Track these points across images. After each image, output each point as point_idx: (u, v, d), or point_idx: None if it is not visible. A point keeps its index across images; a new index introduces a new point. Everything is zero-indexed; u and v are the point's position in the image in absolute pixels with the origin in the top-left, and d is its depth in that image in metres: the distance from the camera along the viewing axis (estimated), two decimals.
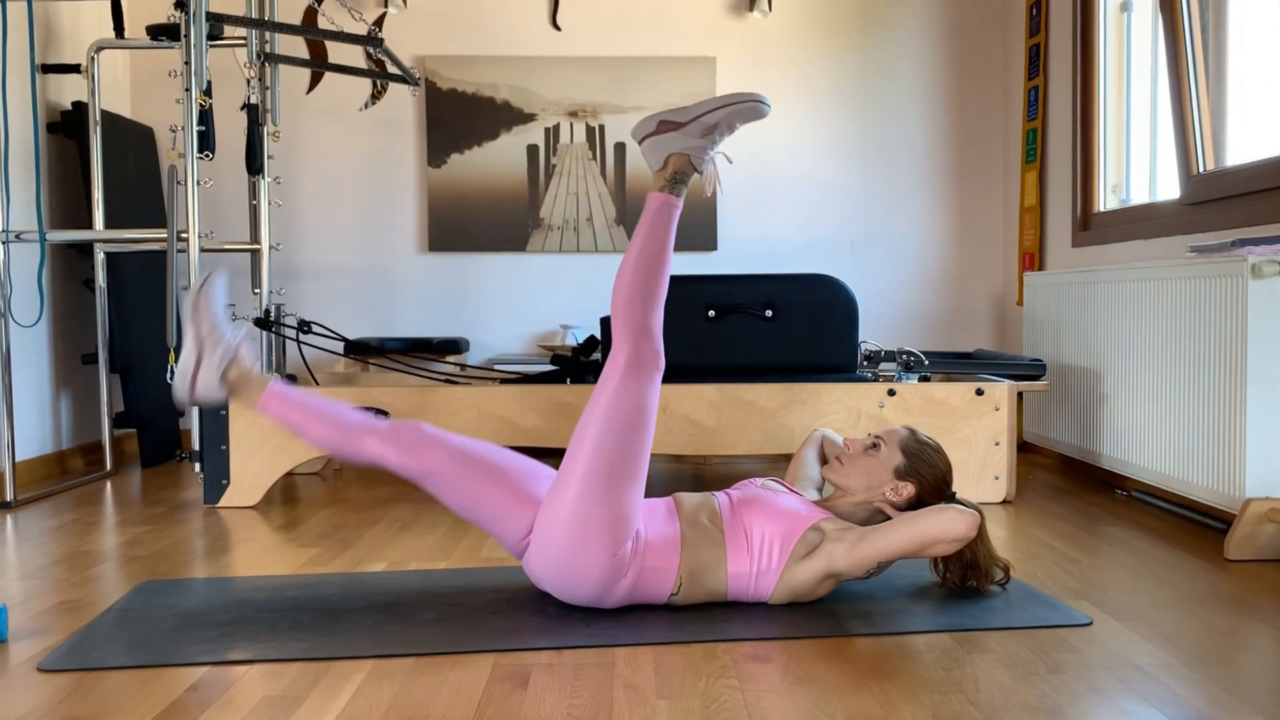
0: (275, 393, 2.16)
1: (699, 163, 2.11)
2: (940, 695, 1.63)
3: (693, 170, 2.11)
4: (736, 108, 2.09)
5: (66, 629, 2.00)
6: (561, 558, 1.98)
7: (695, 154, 2.10)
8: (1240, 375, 2.55)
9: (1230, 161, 3.14)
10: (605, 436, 1.99)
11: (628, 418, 2.00)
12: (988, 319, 4.62)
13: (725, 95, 2.10)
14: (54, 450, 3.86)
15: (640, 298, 2.05)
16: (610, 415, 2.00)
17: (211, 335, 2.18)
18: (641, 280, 2.05)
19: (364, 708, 1.60)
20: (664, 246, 2.07)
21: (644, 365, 2.03)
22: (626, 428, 2.00)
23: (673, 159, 2.10)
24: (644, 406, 2.02)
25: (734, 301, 3.32)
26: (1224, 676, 1.72)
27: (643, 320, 2.04)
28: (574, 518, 1.96)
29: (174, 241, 3.32)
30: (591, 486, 1.97)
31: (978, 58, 4.57)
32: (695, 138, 2.10)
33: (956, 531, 1.96)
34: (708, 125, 2.09)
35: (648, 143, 2.12)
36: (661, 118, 2.11)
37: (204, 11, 3.20)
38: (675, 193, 2.10)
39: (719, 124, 2.09)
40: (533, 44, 4.49)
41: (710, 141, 2.11)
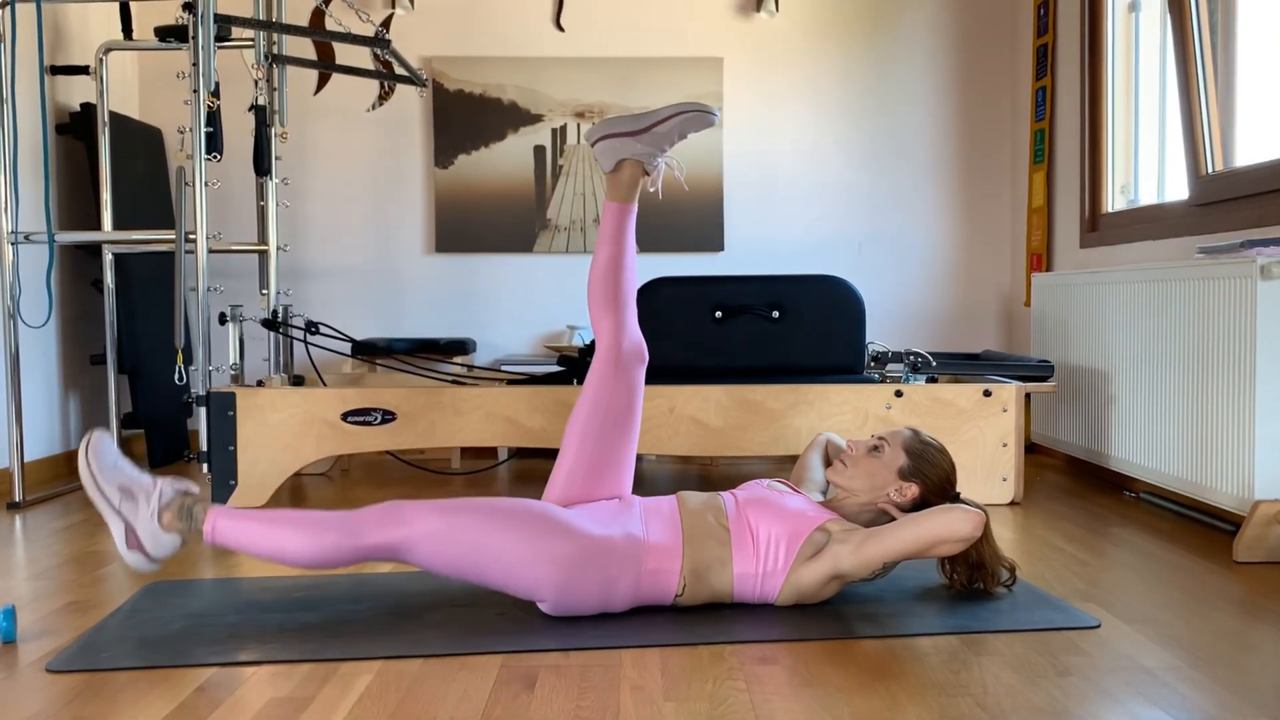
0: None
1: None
2: (948, 698, 1.63)
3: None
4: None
5: (75, 630, 2.01)
6: (562, 590, 1.98)
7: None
8: (1249, 376, 2.55)
9: (1239, 162, 3.13)
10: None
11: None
12: (995, 320, 4.61)
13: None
14: (62, 451, 3.87)
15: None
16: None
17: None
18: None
19: (371, 709, 1.60)
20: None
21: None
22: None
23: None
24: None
25: (741, 302, 3.32)
26: (1232, 679, 1.71)
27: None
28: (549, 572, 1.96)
29: (182, 242, 3.33)
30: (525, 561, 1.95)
31: (985, 58, 4.56)
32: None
33: (962, 531, 1.95)
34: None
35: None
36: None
37: (212, 13, 3.20)
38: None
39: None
40: (540, 45, 4.49)
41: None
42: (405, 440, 3.22)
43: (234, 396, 3.17)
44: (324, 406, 3.20)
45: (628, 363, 2.21)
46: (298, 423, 3.19)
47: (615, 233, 2.25)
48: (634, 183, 2.26)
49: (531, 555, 1.94)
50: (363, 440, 3.21)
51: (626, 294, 2.25)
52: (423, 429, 3.22)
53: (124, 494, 2.01)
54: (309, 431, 3.19)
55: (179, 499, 2.02)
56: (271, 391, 3.19)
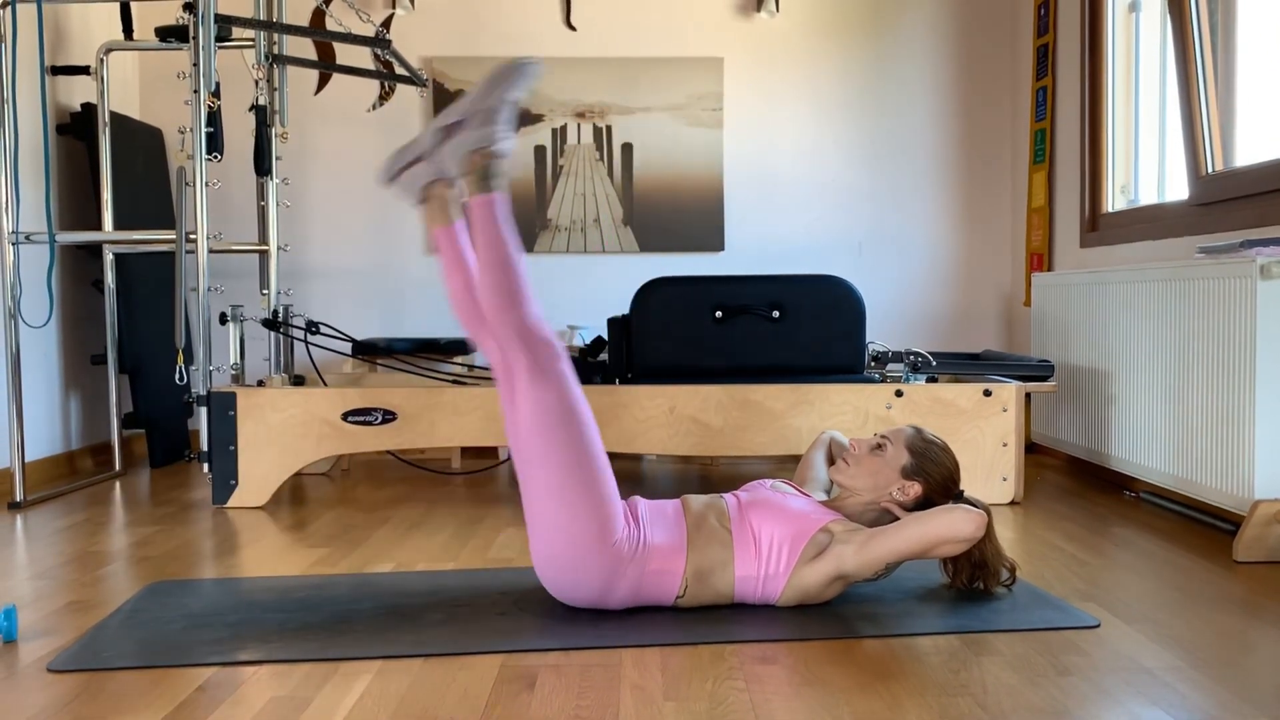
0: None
1: (500, 148, 2.10)
2: (948, 698, 1.63)
3: (495, 157, 2.09)
4: (505, 81, 2.08)
5: (76, 629, 2.01)
6: (558, 566, 2.00)
7: (489, 141, 2.09)
8: (1249, 376, 2.55)
9: (1239, 162, 3.13)
10: (546, 443, 1.97)
11: (558, 419, 1.97)
12: (995, 320, 4.61)
13: (488, 76, 2.09)
14: (63, 451, 3.87)
15: (509, 302, 2.01)
16: (540, 425, 1.97)
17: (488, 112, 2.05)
18: (501, 286, 2.02)
19: (372, 708, 1.61)
20: (505, 245, 2.04)
21: (543, 361, 2.00)
22: (562, 428, 1.97)
23: (472, 157, 2.09)
24: (566, 395, 1.99)
25: (741, 302, 3.32)
26: (1232, 679, 1.71)
27: (518, 323, 2.01)
28: (553, 528, 1.97)
29: (182, 242, 3.33)
30: (554, 493, 1.96)
31: (986, 58, 4.57)
32: (483, 127, 2.09)
33: (965, 531, 1.95)
34: (485, 110, 2.08)
35: (439, 153, 2.12)
36: (438, 127, 2.11)
37: (212, 13, 3.20)
38: (491, 189, 2.09)
39: (495, 104, 2.09)
40: (539, 45, 4.49)
41: (501, 124, 2.10)
42: (406, 440, 3.22)
43: (234, 396, 3.17)
44: (324, 406, 3.20)
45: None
46: (298, 423, 3.19)
47: (457, 258, 2.15)
48: (446, 201, 2.15)
49: (569, 512, 1.96)
50: (363, 440, 3.21)
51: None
52: (423, 429, 3.22)
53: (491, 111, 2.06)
54: (310, 431, 3.20)
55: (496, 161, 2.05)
56: (272, 391, 3.19)
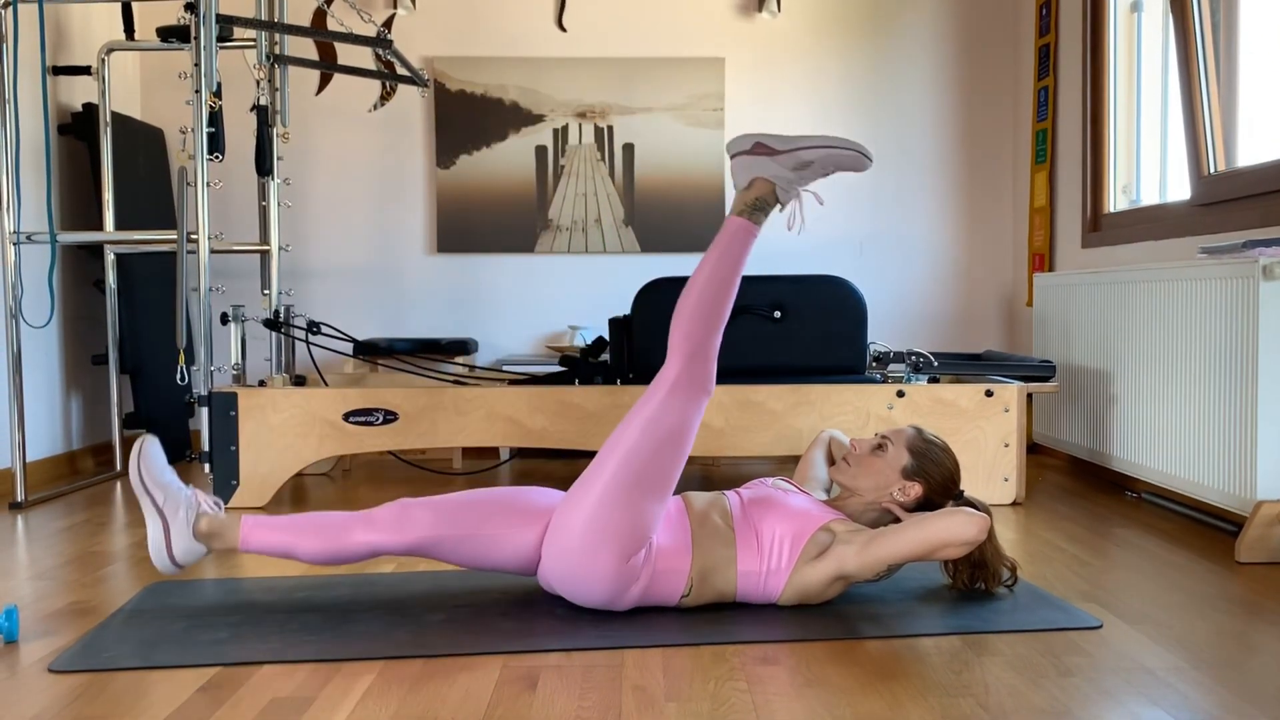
0: (251, 523, 2.06)
1: (783, 195, 2.07)
2: (950, 698, 1.63)
3: (775, 201, 2.07)
4: (838, 153, 2.04)
5: (77, 630, 2.01)
6: (575, 557, 1.98)
7: (782, 185, 2.06)
8: (1251, 377, 2.54)
9: (1241, 162, 3.13)
10: (639, 445, 1.98)
11: (665, 433, 2.00)
12: (997, 320, 4.61)
13: (832, 136, 2.05)
14: (64, 451, 3.87)
15: (702, 320, 2.02)
16: (649, 426, 1.99)
17: (168, 500, 2.06)
18: (708, 302, 2.02)
19: (373, 709, 1.60)
20: (734, 271, 2.03)
21: (693, 386, 2.02)
22: (662, 443, 1.99)
23: (758, 183, 2.06)
24: (684, 425, 2.01)
25: (743, 303, 3.32)
26: (1235, 680, 1.71)
27: (700, 342, 2.02)
28: (593, 518, 1.96)
29: (184, 243, 3.33)
30: (615, 490, 1.97)
31: (987, 58, 4.56)
32: (787, 169, 2.05)
33: (966, 535, 1.95)
34: (803, 160, 2.05)
35: (739, 160, 2.08)
36: (759, 139, 2.07)
37: (213, 13, 3.20)
38: (755, 220, 2.05)
39: (815, 162, 2.05)
40: (541, 45, 4.49)
41: (800, 177, 2.06)
42: (407, 440, 3.22)
43: (236, 396, 3.17)
44: (326, 406, 3.20)
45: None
46: (299, 423, 3.19)
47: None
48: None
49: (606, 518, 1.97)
50: (364, 440, 3.21)
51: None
52: (424, 429, 3.22)
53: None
54: (311, 431, 3.19)
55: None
56: (273, 391, 3.19)
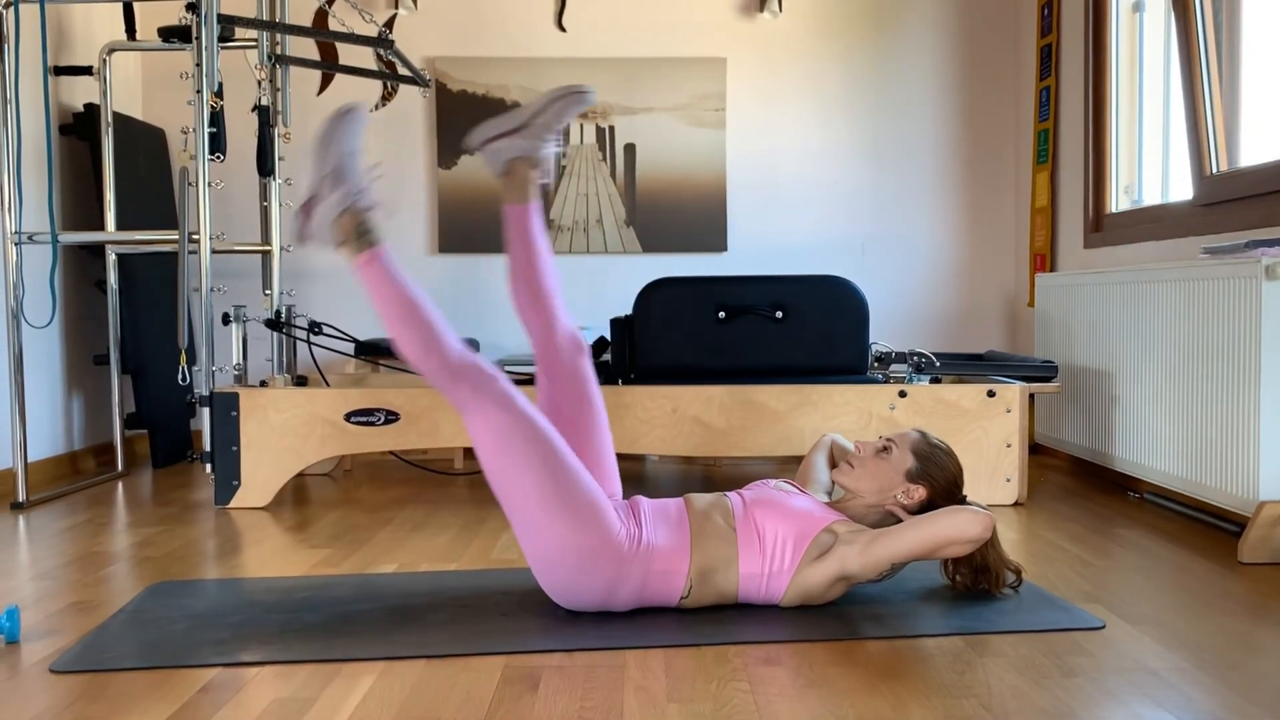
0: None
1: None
2: (952, 699, 1.63)
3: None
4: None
5: (78, 630, 2.01)
6: (560, 571, 1.99)
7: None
8: (1254, 377, 2.54)
9: (1244, 162, 3.12)
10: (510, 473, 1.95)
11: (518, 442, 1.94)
12: (999, 320, 4.60)
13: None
14: (66, 451, 3.87)
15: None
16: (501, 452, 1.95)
17: (335, 173, 2.05)
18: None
19: (375, 709, 1.60)
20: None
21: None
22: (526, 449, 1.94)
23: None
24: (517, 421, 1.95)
25: (744, 303, 3.32)
26: (1237, 680, 1.71)
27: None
28: (552, 541, 1.96)
29: (185, 243, 3.33)
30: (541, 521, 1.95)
31: (989, 58, 4.56)
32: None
33: (971, 532, 1.95)
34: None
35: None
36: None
37: (215, 14, 3.20)
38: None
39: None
40: (543, 45, 4.49)
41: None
42: (409, 441, 3.22)
43: (237, 397, 3.17)
44: (327, 407, 3.20)
45: (564, 353, 2.20)
46: (301, 423, 3.19)
47: (523, 235, 2.23)
48: (526, 179, 2.25)
49: (557, 524, 1.95)
50: (366, 441, 3.21)
51: (549, 291, 2.23)
52: (426, 429, 3.21)
53: (336, 172, 2.06)
54: (312, 432, 3.19)
55: (364, 217, 2.05)
56: (275, 392, 3.19)
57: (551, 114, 2.24)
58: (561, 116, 2.25)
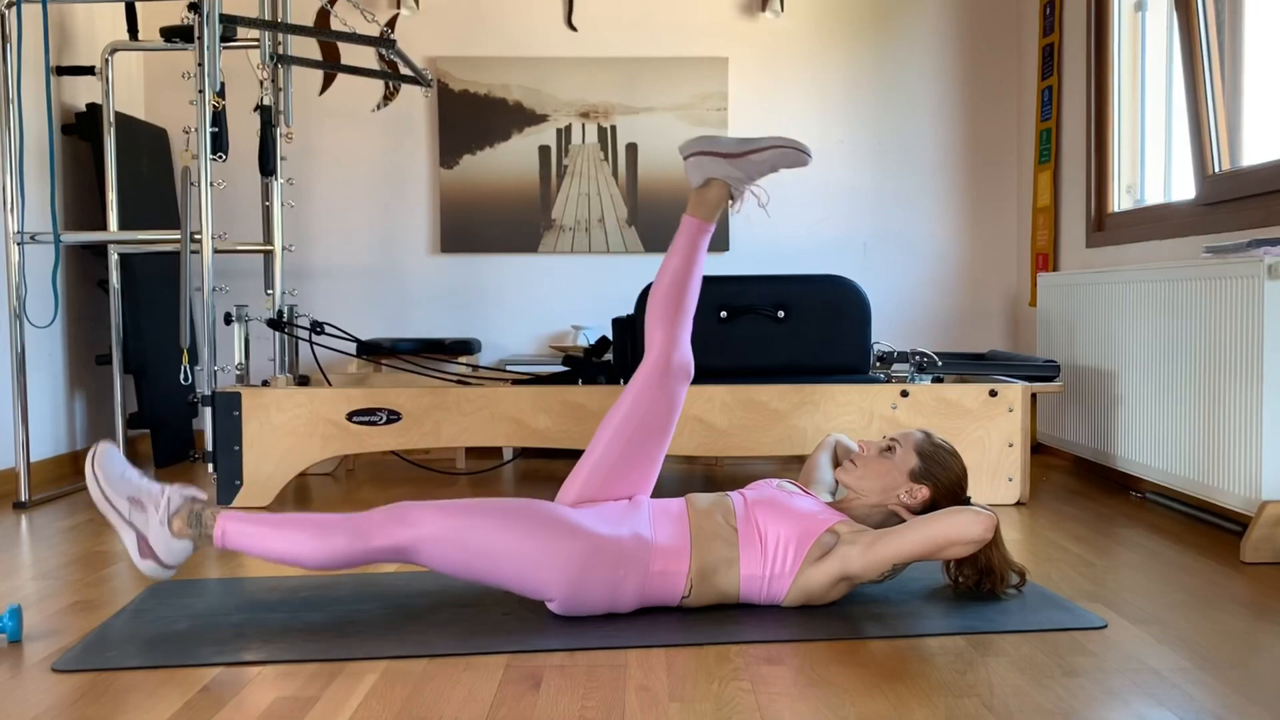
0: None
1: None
2: (954, 699, 1.62)
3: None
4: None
5: (80, 629, 2.01)
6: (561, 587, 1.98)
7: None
8: (1257, 376, 2.54)
9: (1246, 161, 3.12)
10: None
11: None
12: (1001, 320, 4.60)
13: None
14: (68, 450, 3.87)
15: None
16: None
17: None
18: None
19: (377, 709, 1.60)
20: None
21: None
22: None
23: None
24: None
25: (746, 302, 3.32)
26: (1240, 680, 1.70)
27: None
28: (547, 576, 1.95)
29: (187, 243, 3.33)
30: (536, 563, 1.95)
31: (991, 58, 4.56)
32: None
33: (973, 533, 1.94)
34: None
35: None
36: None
37: (217, 14, 3.20)
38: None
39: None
40: (544, 45, 4.49)
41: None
42: (410, 440, 3.22)
43: (239, 396, 3.17)
44: (329, 406, 3.20)
45: (674, 377, 2.22)
46: (303, 423, 3.19)
47: (689, 248, 2.26)
48: (719, 203, 2.28)
49: (540, 555, 1.94)
50: (368, 440, 3.21)
51: (687, 309, 2.25)
52: (428, 429, 3.22)
53: (133, 504, 2.00)
54: (314, 431, 3.19)
55: (187, 505, 2.01)
56: (277, 391, 3.19)
57: (768, 157, 2.26)
58: (775, 164, 2.26)
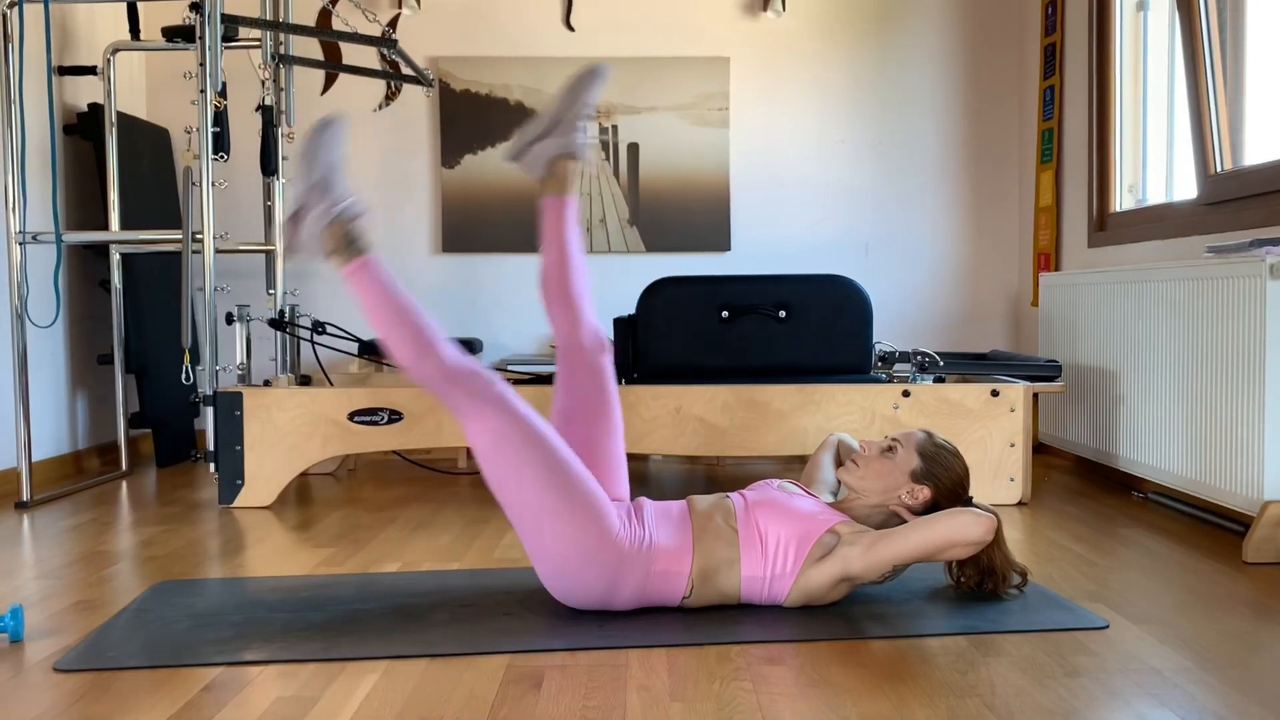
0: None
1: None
2: (956, 699, 1.62)
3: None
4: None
5: (82, 629, 2.01)
6: (562, 569, 1.99)
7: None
8: (1259, 376, 2.53)
9: (1248, 161, 3.12)
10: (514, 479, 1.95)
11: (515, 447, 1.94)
12: (1003, 320, 4.60)
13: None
14: (70, 450, 3.87)
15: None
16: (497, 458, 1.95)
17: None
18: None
19: (378, 709, 1.60)
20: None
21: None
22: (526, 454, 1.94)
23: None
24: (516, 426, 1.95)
25: (748, 302, 3.32)
26: (1241, 680, 1.70)
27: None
28: (554, 540, 1.96)
29: (189, 242, 3.33)
30: (544, 523, 1.95)
31: (993, 57, 4.55)
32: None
33: (974, 534, 1.94)
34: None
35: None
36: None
37: (219, 13, 3.20)
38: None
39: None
40: (546, 45, 4.49)
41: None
42: (412, 440, 3.22)
43: (241, 396, 3.17)
44: (331, 406, 3.20)
45: (590, 354, 2.20)
46: (304, 422, 3.19)
47: (558, 227, 2.23)
48: (566, 174, 2.25)
49: (557, 524, 1.95)
50: (369, 440, 3.21)
51: (579, 288, 2.22)
52: (430, 429, 3.21)
53: (321, 183, 2.06)
54: (316, 431, 3.20)
55: (351, 226, 2.05)
56: (278, 391, 3.19)
57: (574, 103, 2.23)
58: (584, 101, 2.23)
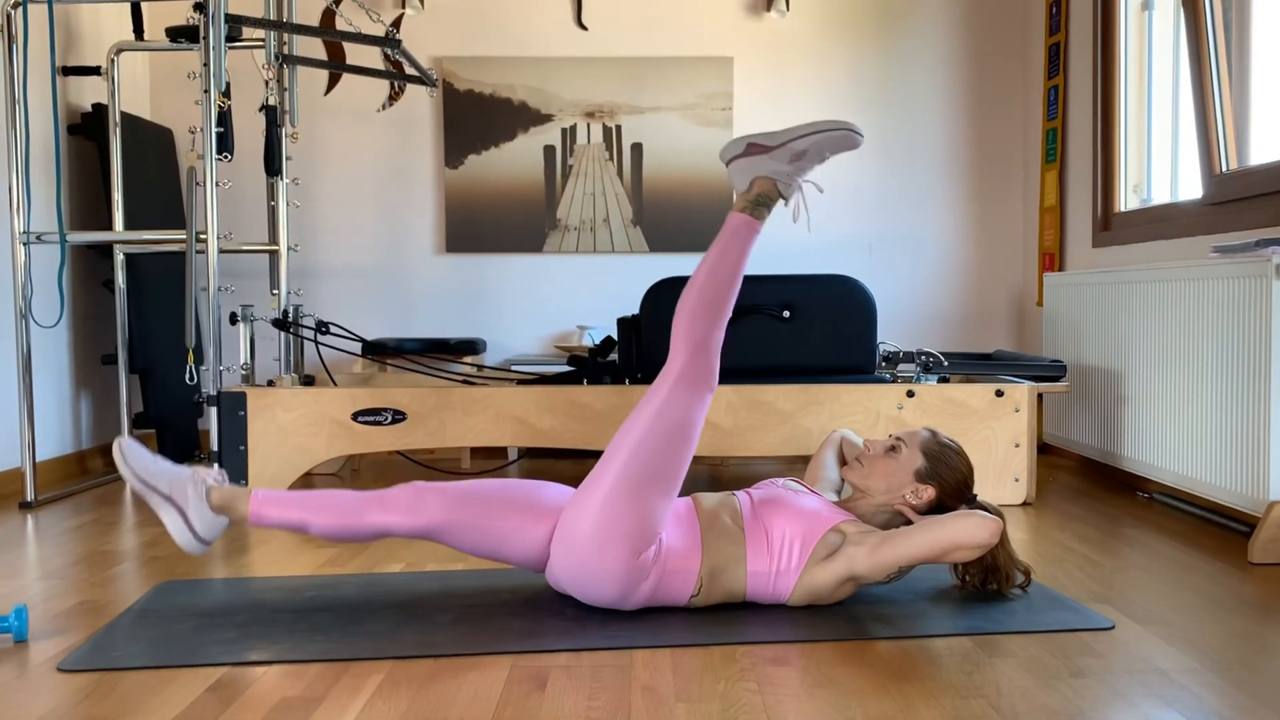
0: (262, 498, 2.06)
1: (784, 189, 2.10)
2: (961, 699, 1.62)
3: (778, 196, 2.10)
4: (828, 135, 2.06)
5: (86, 629, 2.01)
6: (583, 556, 1.97)
7: (781, 180, 2.09)
8: (1264, 376, 2.53)
9: (1254, 160, 3.11)
10: (644, 443, 1.98)
11: (670, 429, 2.00)
12: (1007, 320, 4.59)
13: (818, 122, 2.07)
14: (74, 450, 3.88)
15: (704, 314, 2.04)
16: (654, 423, 2.00)
17: (174, 486, 2.07)
18: (709, 297, 2.04)
19: (382, 709, 1.60)
20: (737, 267, 2.06)
21: (697, 380, 2.03)
22: (667, 438, 1.99)
23: (758, 182, 2.09)
24: (689, 420, 2.02)
25: (752, 302, 3.31)
26: (1247, 681, 1.70)
27: (703, 336, 2.04)
28: (600, 517, 1.96)
29: (193, 242, 3.33)
30: (621, 489, 1.96)
31: (997, 57, 4.55)
32: (783, 163, 2.08)
33: (979, 538, 1.94)
34: (796, 151, 2.07)
35: (735, 164, 2.11)
36: (750, 140, 2.10)
37: (222, 14, 3.21)
38: (757, 215, 2.08)
39: (808, 151, 2.07)
40: (549, 45, 4.49)
41: (798, 169, 2.09)
42: (415, 440, 3.22)
43: (245, 396, 3.17)
44: (334, 406, 3.20)
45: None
46: (308, 422, 3.19)
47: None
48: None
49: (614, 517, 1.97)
50: (373, 440, 3.21)
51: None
52: (433, 429, 3.21)
53: (806, 154, 2.05)
54: (319, 431, 3.20)
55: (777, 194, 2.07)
56: (282, 391, 3.19)
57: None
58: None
